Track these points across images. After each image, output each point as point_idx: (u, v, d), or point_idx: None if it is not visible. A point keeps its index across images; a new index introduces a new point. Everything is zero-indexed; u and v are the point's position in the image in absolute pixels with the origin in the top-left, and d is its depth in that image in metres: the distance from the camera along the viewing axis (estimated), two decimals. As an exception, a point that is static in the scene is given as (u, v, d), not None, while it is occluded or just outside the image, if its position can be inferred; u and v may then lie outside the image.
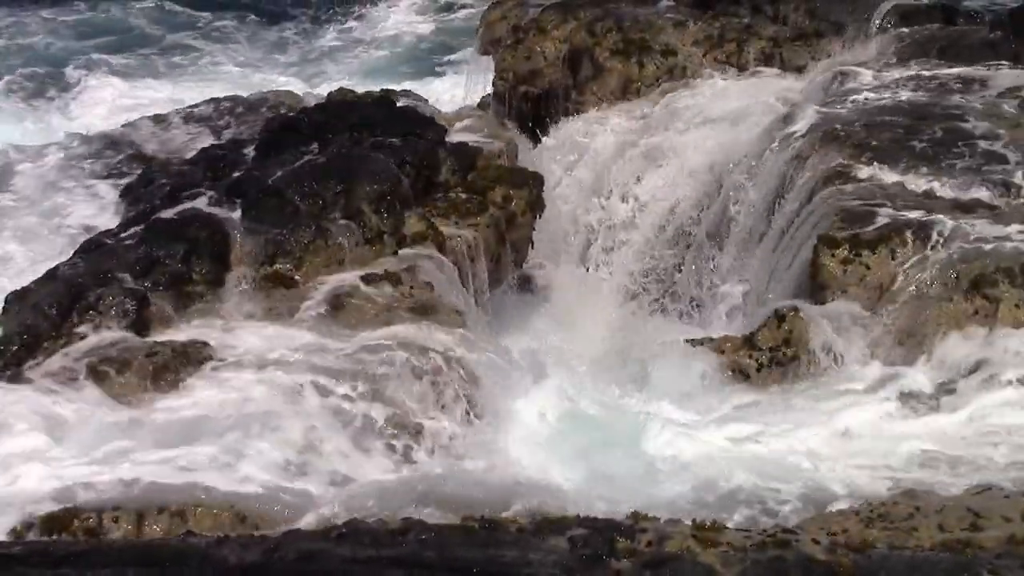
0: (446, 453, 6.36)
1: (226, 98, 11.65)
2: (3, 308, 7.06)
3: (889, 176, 8.60)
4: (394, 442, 6.20)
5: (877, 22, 11.95)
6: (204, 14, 22.53)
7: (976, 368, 6.84)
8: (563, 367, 8.34)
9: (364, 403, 6.41)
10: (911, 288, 7.43)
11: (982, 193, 8.21)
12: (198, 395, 6.36)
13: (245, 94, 11.69)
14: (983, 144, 8.92)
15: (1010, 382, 6.66)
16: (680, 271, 10.15)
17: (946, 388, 6.84)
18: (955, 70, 10.59)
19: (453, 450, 6.39)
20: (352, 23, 22.23)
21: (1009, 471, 5.88)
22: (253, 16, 22.60)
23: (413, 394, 6.65)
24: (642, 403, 7.33)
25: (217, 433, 5.94)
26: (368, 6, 22.81)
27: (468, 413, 6.79)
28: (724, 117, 10.91)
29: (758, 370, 7.44)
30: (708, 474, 6.20)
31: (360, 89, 11.31)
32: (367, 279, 7.66)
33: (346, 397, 6.43)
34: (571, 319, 9.89)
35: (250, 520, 5.27)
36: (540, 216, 9.54)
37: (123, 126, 10.65)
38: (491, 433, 6.79)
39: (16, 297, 7.10)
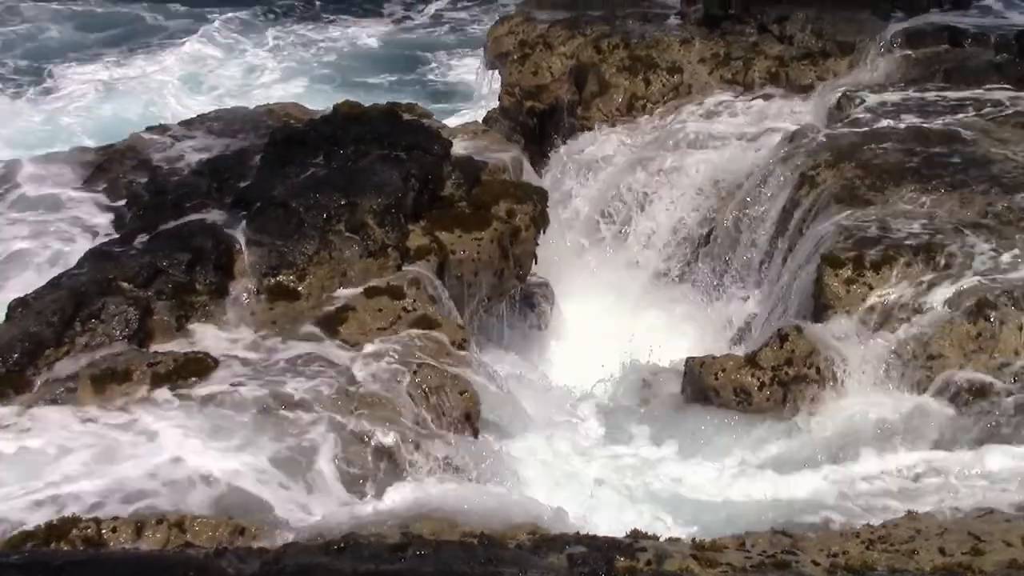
0: (445, 469, 6.33)
1: (232, 109, 11.69)
2: (6, 315, 7.06)
3: (893, 197, 8.62)
4: (393, 457, 6.17)
5: (884, 43, 11.98)
6: (200, 9, 22.83)
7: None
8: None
9: (363, 418, 6.39)
10: (914, 309, 7.42)
11: (986, 215, 8.22)
12: (198, 406, 6.35)
13: (251, 106, 11.73)
14: (988, 166, 8.93)
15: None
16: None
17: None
18: (961, 92, 10.62)
19: (452, 466, 6.36)
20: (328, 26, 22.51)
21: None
22: (257, 8, 22.87)
23: (412, 409, 6.64)
24: None
25: (217, 445, 5.93)
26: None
27: (467, 430, 6.77)
28: (732, 136, 10.96)
29: (760, 389, 7.44)
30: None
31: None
32: (370, 292, 7.66)
33: (345, 411, 6.42)
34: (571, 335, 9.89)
35: (248, 532, 5.25)
36: (544, 231, 9.54)
37: (130, 136, 10.66)
38: (490, 450, 6.78)
39: (20, 304, 7.10)
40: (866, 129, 9.99)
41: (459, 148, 9.94)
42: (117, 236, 8.59)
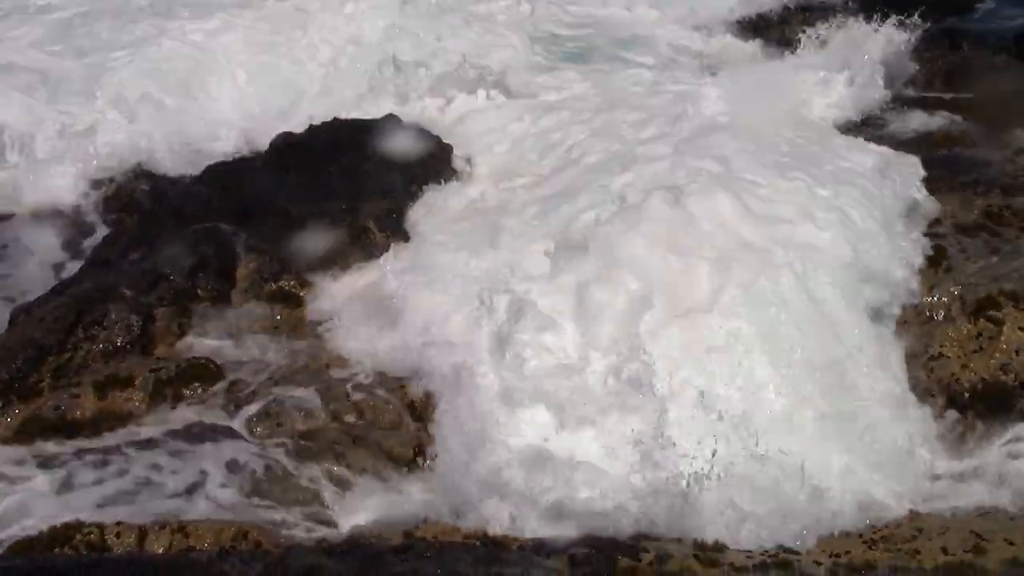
0: (449, 472, 6.34)
1: (234, 116, 11.68)
2: (9, 322, 7.09)
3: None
4: (395, 460, 6.19)
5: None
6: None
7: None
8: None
9: (365, 423, 6.40)
10: (914, 310, 7.42)
11: (987, 216, 8.23)
12: (199, 411, 6.37)
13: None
14: (987, 168, 8.94)
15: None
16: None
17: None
18: (960, 94, 10.66)
19: (455, 470, 6.36)
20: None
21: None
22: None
23: (414, 414, 6.65)
24: None
25: (220, 450, 5.95)
26: None
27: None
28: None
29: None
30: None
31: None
32: (372, 297, 7.67)
33: (348, 416, 6.44)
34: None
35: (252, 536, 5.26)
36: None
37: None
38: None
39: (22, 312, 7.13)
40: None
41: (459, 154, 9.95)
42: (119, 244, 8.61)
